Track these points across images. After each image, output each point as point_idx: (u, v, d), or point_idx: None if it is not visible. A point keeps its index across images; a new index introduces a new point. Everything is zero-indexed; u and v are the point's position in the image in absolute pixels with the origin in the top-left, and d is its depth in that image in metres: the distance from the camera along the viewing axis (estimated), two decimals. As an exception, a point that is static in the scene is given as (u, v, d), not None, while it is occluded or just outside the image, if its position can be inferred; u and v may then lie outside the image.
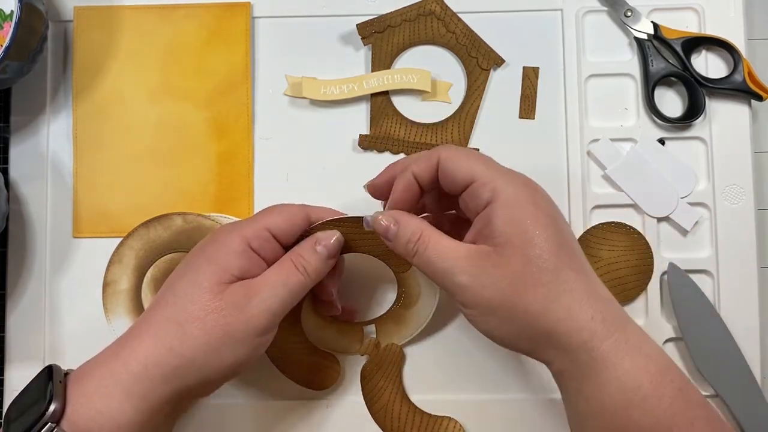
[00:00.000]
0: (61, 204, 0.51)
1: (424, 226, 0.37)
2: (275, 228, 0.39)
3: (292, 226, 0.39)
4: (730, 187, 0.49)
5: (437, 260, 0.36)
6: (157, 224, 0.49)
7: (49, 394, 0.34)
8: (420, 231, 0.37)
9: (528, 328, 0.34)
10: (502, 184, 0.35)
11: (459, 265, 0.35)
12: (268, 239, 0.38)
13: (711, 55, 0.50)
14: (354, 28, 0.51)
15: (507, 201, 0.35)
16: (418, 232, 0.37)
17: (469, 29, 0.51)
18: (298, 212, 0.40)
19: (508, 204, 0.35)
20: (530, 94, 0.50)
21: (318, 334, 0.47)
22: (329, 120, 0.51)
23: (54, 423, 0.34)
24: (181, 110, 0.51)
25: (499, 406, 0.48)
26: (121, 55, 0.51)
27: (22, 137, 0.51)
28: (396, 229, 0.38)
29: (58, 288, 0.50)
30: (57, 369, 0.37)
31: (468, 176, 0.36)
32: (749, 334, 0.48)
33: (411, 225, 0.37)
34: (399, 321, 0.47)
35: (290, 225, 0.39)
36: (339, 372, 0.48)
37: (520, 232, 0.34)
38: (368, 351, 0.48)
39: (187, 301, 0.36)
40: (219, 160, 0.50)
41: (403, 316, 0.47)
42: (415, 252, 0.37)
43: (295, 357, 0.47)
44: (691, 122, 0.49)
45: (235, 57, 0.51)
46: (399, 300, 0.47)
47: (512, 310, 0.34)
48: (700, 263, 0.49)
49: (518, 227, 0.34)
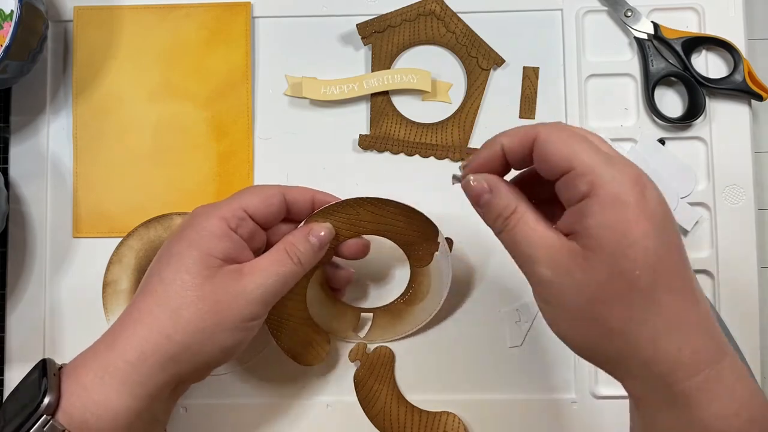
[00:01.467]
0: (61, 204, 0.51)
1: (521, 201, 0.32)
2: (252, 208, 0.39)
3: (268, 206, 0.40)
4: (730, 187, 0.49)
5: (524, 243, 0.31)
6: (157, 224, 0.49)
7: (44, 387, 0.34)
8: (515, 206, 0.32)
9: (605, 344, 0.30)
10: (605, 176, 0.29)
11: (545, 256, 0.31)
12: (245, 218, 0.39)
13: (711, 55, 0.50)
14: (354, 28, 0.51)
15: (606, 199, 0.29)
16: (513, 205, 0.32)
17: (469, 29, 0.51)
18: (275, 193, 0.40)
19: (607, 202, 0.29)
20: (530, 94, 0.50)
21: (316, 308, 0.47)
22: (329, 120, 0.51)
23: (49, 416, 0.34)
24: (181, 110, 0.51)
25: (498, 406, 0.48)
26: (121, 55, 0.51)
27: (22, 137, 0.51)
28: (489, 197, 0.33)
29: (58, 288, 0.50)
30: (51, 363, 0.37)
31: (566, 163, 0.30)
32: (749, 334, 0.48)
33: (507, 196, 0.32)
34: (397, 316, 0.47)
35: (266, 205, 0.40)
36: (327, 352, 0.47)
37: (615, 239, 0.29)
38: (358, 357, 0.48)
39: (178, 288, 0.36)
40: (219, 160, 0.50)
41: (404, 312, 0.47)
42: (504, 227, 0.32)
43: (291, 325, 0.46)
44: (691, 122, 0.49)
45: (235, 57, 0.51)
46: (405, 294, 0.47)
47: (591, 322, 0.30)
48: (700, 263, 0.49)
49: (614, 233, 0.29)
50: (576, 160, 0.30)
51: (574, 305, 0.30)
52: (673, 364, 0.29)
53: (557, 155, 0.30)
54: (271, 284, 0.38)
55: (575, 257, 0.30)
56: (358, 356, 0.48)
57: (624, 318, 0.29)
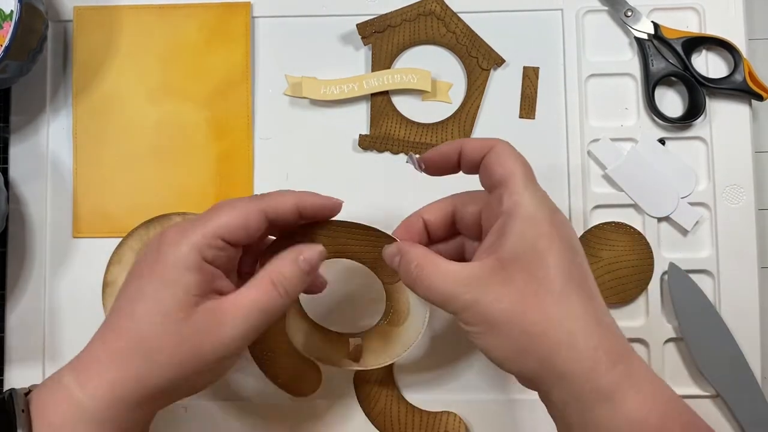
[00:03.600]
0: (61, 204, 0.51)
1: (425, 252, 0.36)
2: (228, 234, 0.35)
3: (245, 229, 0.35)
4: (731, 187, 0.49)
5: (438, 284, 0.34)
6: (157, 224, 0.49)
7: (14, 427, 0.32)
8: (421, 257, 0.35)
9: (527, 350, 0.32)
10: (525, 198, 0.34)
11: (461, 286, 0.33)
12: (222, 248, 0.35)
13: (711, 55, 0.50)
14: (354, 28, 0.51)
15: (525, 216, 0.33)
16: (418, 258, 0.35)
17: (469, 29, 0.51)
18: (252, 210, 0.35)
19: (525, 219, 0.33)
20: (530, 93, 0.50)
21: (301, 339, 0.44)
22: (329, 120, 0.51)
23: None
24: (181, 110, 0.51)
25: (498, 406, 0.48)
26: (121, 55, 0.51)
27: (22, 137, 0.51)
28: (398, 259, 0.37)
29: (58, 288, 0.50)
30: (18, 396, 0.34)
31: (503, 179, 0.34)
32: (749, 334, 0.48)
33: (412, 252, 0.36)
34: (386, 339, 0.44)
35: (244, 228, 0.35)
36: (321, 380, 0.47)
37: (532, 251, 0.33)
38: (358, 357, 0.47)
39: (152, 329, 0.33)
40: (219, 160, 0.50)
41: (391, 333, 0.44)
42: (415, 278, 0.35)
43: (278, 359, 0.45)
44: (691, 122, 0.49)
45: (235, 57, 0.51)
46: (387, 315, 0.44)
47: (512, 330, 0.32)
48: (700, 263, 0.49)
49: (530, 245, 0.33)
50: (511, 180, 0.34)
51: (495, 318, 0.33)
52: (592, 361, 0.32)
53: (500, 171, 0.35)
54: (253, 322, 0.34)
55: (494, 273, 0.33)
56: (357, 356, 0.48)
57: (542, 320, 0.32)
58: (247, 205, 0.36)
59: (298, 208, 0.37)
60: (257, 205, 0.36)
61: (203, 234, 0.34)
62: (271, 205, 0.36)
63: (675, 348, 0.49)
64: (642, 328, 0.48)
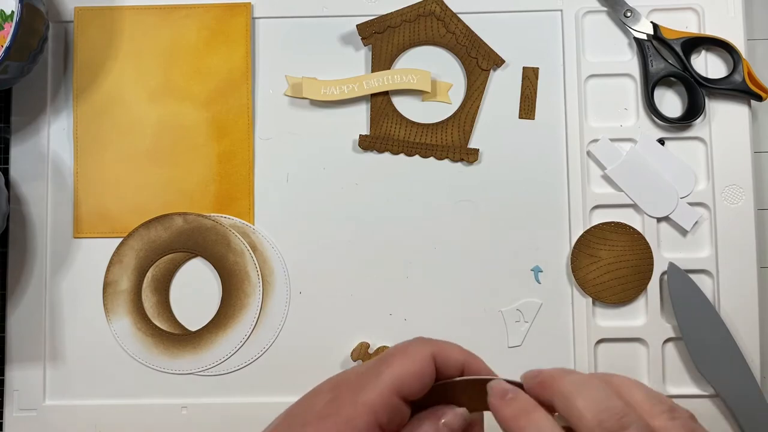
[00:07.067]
0: (61, 204, 0.51)
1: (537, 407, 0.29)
2: (406, 389, 0.30)
3: (421, 380, 0.30)
4: (730, 187, 0.49)
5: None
6: (157, 224, 0.49)
7: None
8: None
9: None
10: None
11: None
12: (399, 409, 0.30)
13: (711, 56, 0.50)
14: (354, 29, 0.51)
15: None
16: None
17: (469, 29, 0.51)
18: (426, 356, 0.30)
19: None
20: (530, 94, 0.51)
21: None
22: (329, 120, 0.51)
23: None
24: (181, 110, 0.51)
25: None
26: (122, 56, 0.51)
27: (23, 137, 0.51)
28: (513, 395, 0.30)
29: (58, 288, 0.50)
30: None
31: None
32: (749, 334, 0.48)
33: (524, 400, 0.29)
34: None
35: (419, 379, 0.30)
36: None
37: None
38: (360, 356, 0.48)
39: None
40: (219, 160, 0.50)
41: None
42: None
43: None
44: (690, 122, 0.49)
45: (235, 57, 0.51)
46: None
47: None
48: (700, 263, 0.49)
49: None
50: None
51: None
52: None
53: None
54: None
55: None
56: (360, 356, 0.48)
57: None
58: (420, 348, 0.31)
59: (464, 368, 0.32)
60: (429, 347, 0.31)
61: (380, 393, 0.29)
62: (442, 352, 0.31)
63: (674, 348, 0.49)
64: (642, 328, 0.49)
